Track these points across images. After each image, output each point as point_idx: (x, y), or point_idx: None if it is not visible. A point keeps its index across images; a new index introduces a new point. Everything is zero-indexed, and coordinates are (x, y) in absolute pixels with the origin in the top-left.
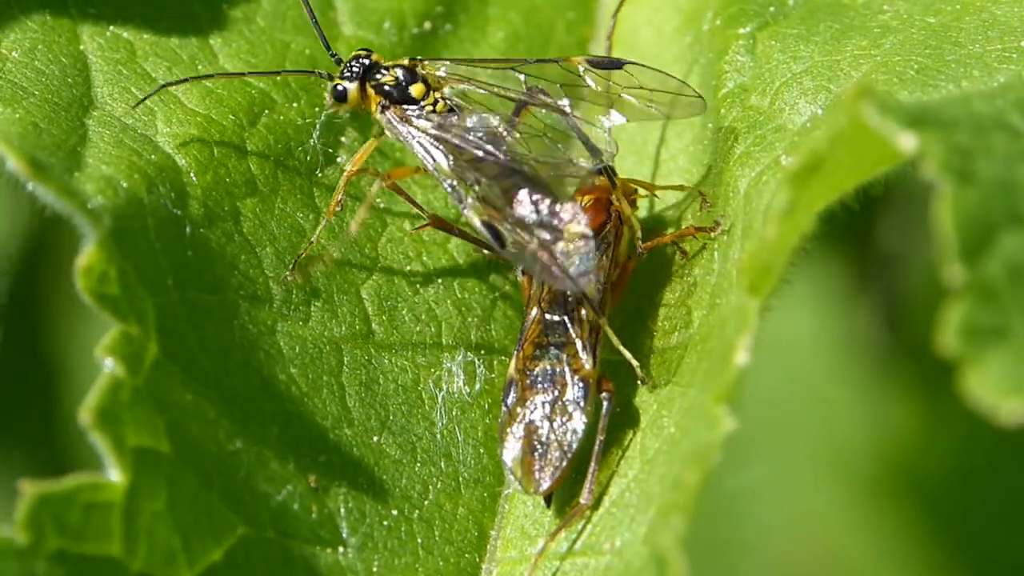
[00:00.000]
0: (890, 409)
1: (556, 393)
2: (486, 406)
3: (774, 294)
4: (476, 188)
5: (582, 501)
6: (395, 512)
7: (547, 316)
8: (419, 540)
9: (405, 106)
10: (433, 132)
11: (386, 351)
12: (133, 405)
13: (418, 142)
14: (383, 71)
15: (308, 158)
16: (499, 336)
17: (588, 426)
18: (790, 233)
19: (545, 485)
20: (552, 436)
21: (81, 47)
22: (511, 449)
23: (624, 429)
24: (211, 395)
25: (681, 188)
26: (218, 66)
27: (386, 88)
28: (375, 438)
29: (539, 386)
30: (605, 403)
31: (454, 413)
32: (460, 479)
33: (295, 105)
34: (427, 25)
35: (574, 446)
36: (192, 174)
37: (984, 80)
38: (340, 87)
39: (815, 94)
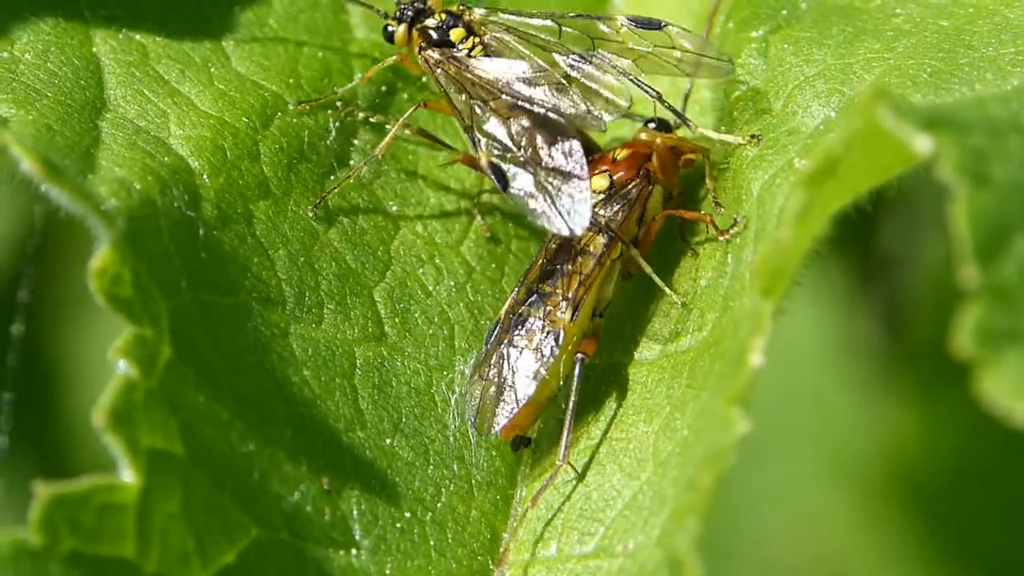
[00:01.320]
0: (890, 411)
1: (528, 341)
2: None
3: (785, 296)
4: (488, 127)
5: (557, 462)
6: (408, 514)
7: (546, 264)
8: (432, 542)
9: (443, 48)
10: (460, 71)
11: (399, 354)
12: (147, 407)
13: (443, 79)
14: (431, 16)
15: (321, 160)
16: None
17: (544, 379)
18: (804, 236)
19: (496, 429)
20: (512, 382)
21: (94, 49)
22: (473, 390)
23: (636, 431)
24: (224, 397)
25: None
26: (230, 68)
27: (429, 30)
28: (388, 440)
29: (517, 331)
30: (578, 364)
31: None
32: (473, 482)
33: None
34: None
35: (529, 394)
36: (205, 176)
37: (997, 83)
38: (389, 28)
39: (828, 97)
